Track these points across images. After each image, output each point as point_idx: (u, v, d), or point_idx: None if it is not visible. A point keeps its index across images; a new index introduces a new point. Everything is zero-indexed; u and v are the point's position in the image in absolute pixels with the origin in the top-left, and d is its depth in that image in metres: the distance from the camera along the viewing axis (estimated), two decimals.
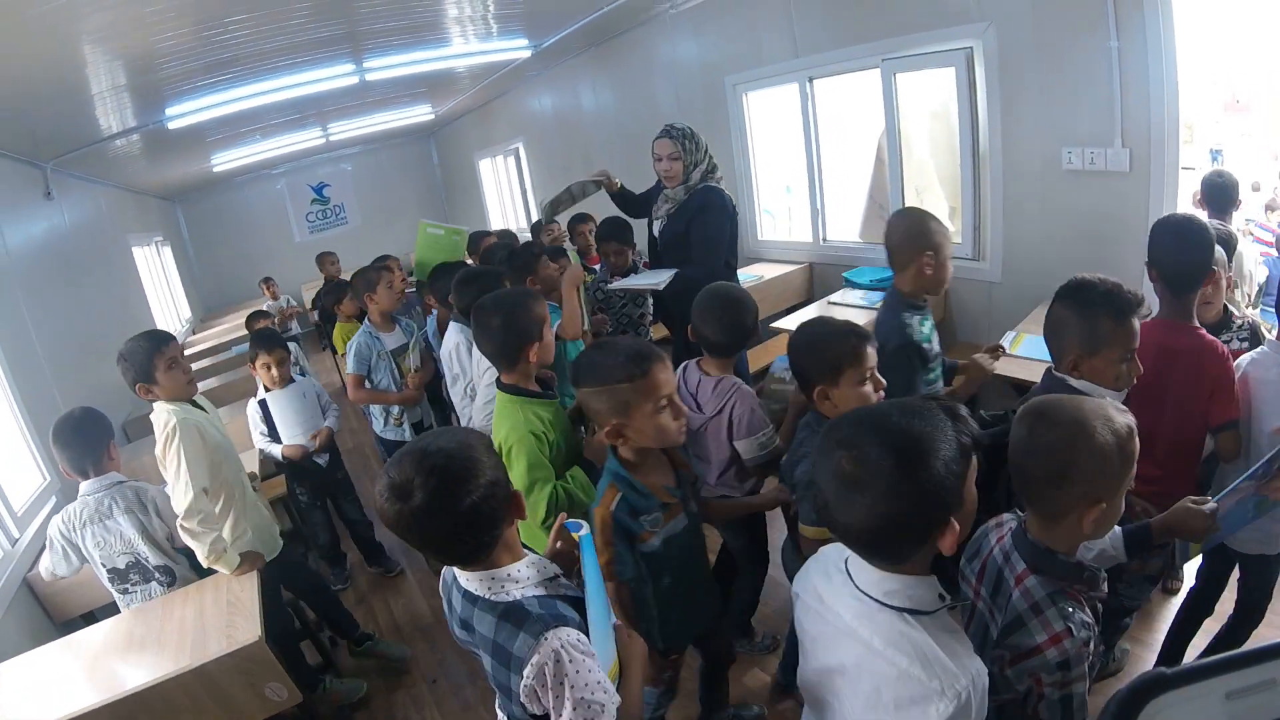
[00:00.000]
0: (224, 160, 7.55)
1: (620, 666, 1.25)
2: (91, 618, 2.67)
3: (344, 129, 8.08)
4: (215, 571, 2.35)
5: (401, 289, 3.42)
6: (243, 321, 5.96)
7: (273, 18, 3.27)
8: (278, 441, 3.19)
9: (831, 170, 4.42)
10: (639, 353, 1.59)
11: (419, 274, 3.78)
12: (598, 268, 3.85)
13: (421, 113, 8.36)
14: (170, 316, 7.61)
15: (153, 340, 2.21)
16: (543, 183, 8.05)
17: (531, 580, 1.18)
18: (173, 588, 2.30)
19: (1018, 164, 3.27)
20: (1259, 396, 1.77)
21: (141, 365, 2.16)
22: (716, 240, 3.12)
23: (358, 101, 6.40)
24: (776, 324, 3.71)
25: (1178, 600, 2.29)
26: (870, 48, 3.69)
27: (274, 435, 3.19)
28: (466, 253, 4.02)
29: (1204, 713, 0.56)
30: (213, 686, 1.90)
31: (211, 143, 6.37)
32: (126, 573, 2.26)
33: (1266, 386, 1.75)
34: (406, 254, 10.20)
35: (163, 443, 2.15)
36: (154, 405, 2.21)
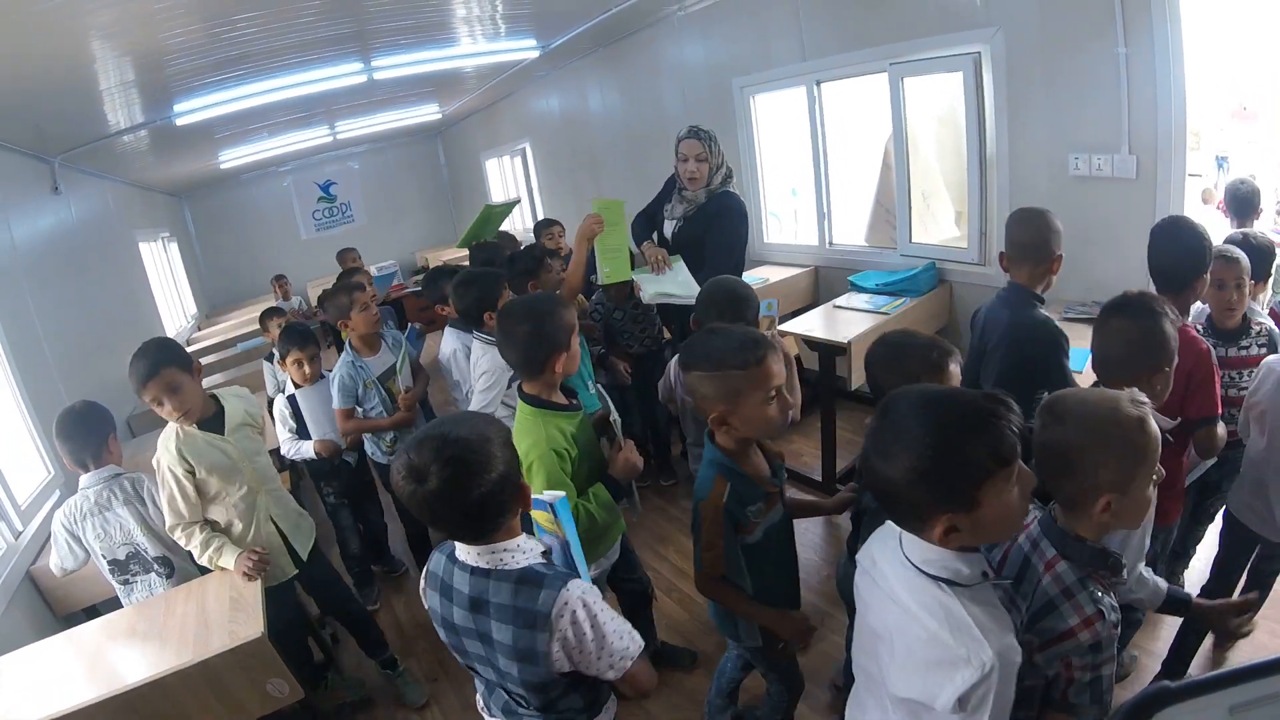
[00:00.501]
0: (231, 157, 7.57)
1: None
2: (94, 611, 2.68)
3: (351, 127, 8.08)
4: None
5: (377, 312, 3.13)
6: (248, 318, 5.95)
7: (282, 15, 3.27)
8: (304, 438, 3.06)
9: (838, 174, 4.41)
10: (754, 340, 1.54)
11: (464, 243, 3.99)
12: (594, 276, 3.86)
13: (429, 112, 8.37)
14: (176, 312, 7.62)
15: (138, 373, 2.03)
16: (549, 183, 8.05)
17: (534, 551, 1.28)
18: (171, 579, 2.31)
19: (1024, 169, 3.27)
20: None
21: (135, 390, 2.07)
22: (731, 246, 3.17)
23: (365, 100, 6.40)
24: (781, 326, 3.69)
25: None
26: (878, 52, 3.69)
27: (301, 433, 3.07)
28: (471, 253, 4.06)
29: None
30: (215, 682, 1.91)
31: (219, 139, 6.37)
32: (127, 563, 2.27)
33: None
34: (412, 253, 10.30)
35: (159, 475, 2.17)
36: None
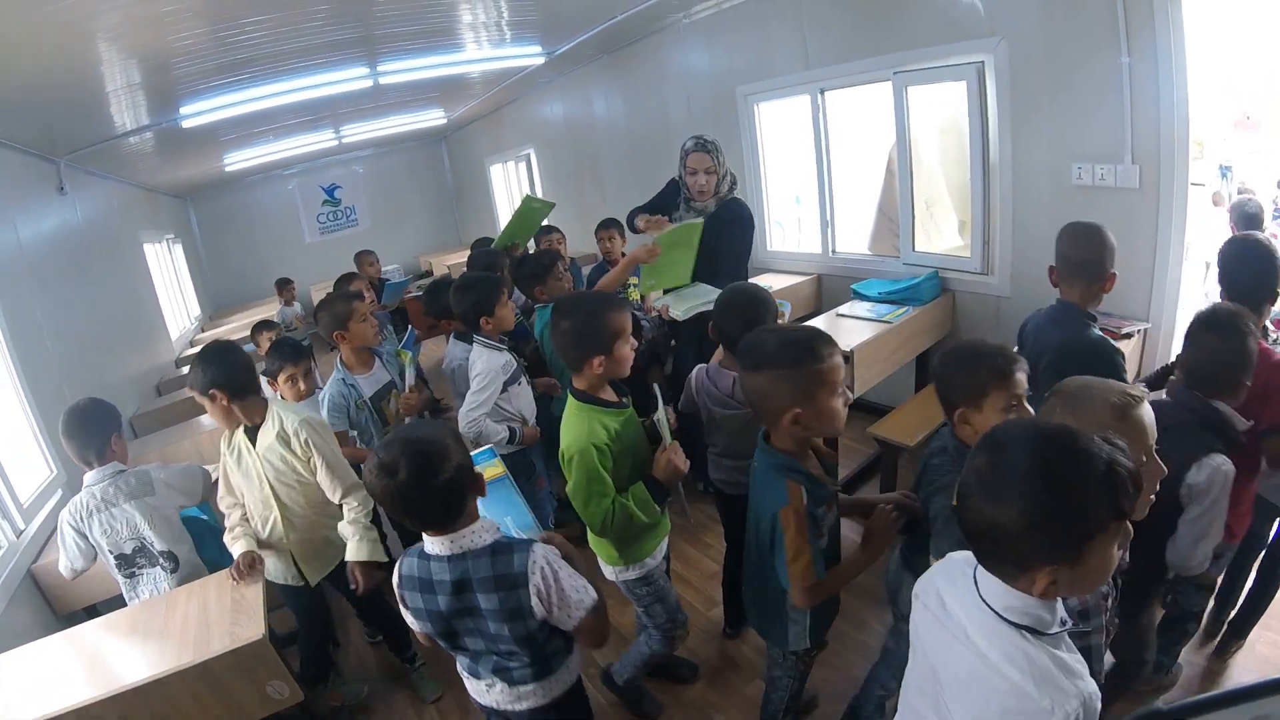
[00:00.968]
0: (236, 160, 7.59)
1: None
2: (94, 611, 2.68)
3: (356, 131, 8.11)
4: (218, 561, 2.41)
5: (375, 324, 2.97)
6: (251, 321, 5.93)
7: (288, 20, 3.29)
8: None
9: (841, 182, 4.42)
10: (819, 336, 1.55)
11: (501, 243, 4.02)
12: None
13: (434, 117, 8.41)
14: (179, 314, 7.64)
15: (204, 378, 2.21)
16: (552, 189, 8.07)
17: (493, 528, 1.47)
18: (176, 574, 2.31)
19: (1027, 179, 3.28)
20: None
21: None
22: (742, 254, 3.26)
23: (371, 105, 6.43)
24: None
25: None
26: (882, 60, 3.71)
27: None
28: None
29: None
30: (215, 683, 1.91)
31: (224, 142, 6.40)
32: (133, 558, 2.27)
33: None
34: (415, 257, 10.33)
35: None
36: None
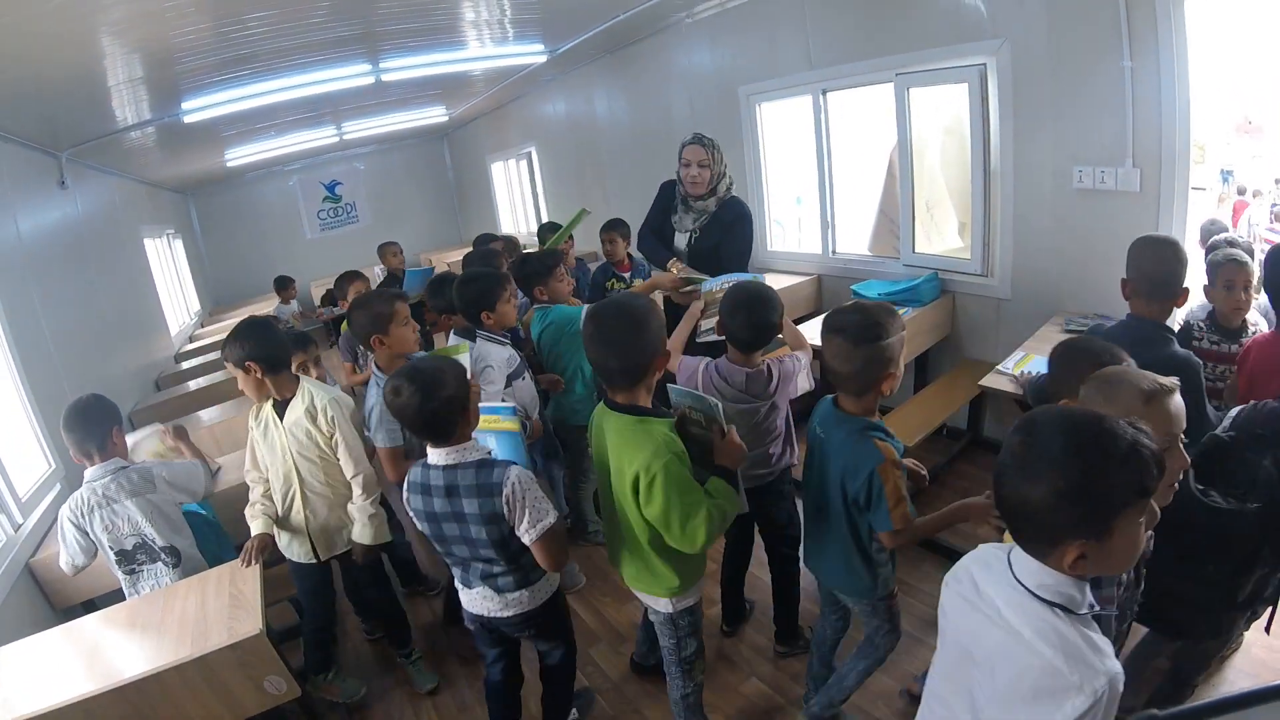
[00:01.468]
0: (238, 155, 7.61)
1: None
2: (92, 605, 2.67)
3: (358, 128, 8.12)
4: (218, 556, 2.43)
5: (417, 328, 2.74)
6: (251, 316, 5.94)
7: (291, 16, 3.29)
8: None
9: (842, 183, 4.42)
10: (889, 308, 1.75)
11: (551, 246, 4.04)
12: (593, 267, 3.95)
13: (435, 114, 8.42)
14: (180, 309, 7.64)
15: (241, 351, 2.26)
16: (553, 188, 8.08)
17: (482, 450, 1.79)
18: (178, 568, 2.31)
19: (1029, 181, 3.28)
20: None
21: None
22: (744, 253, 3.33)
23: (373, 101, 6.43)
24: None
25: None
26: (884, 62, 3.71)
27: None
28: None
29: None
30: (212, 677, 1.91)
31: (226, 138, 6.40)
32: (134, 554, 2.28)
33: None
34: (416, 254, 10.31)
35: None
36: None
